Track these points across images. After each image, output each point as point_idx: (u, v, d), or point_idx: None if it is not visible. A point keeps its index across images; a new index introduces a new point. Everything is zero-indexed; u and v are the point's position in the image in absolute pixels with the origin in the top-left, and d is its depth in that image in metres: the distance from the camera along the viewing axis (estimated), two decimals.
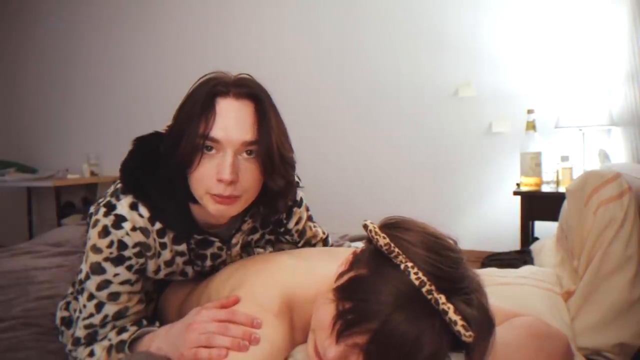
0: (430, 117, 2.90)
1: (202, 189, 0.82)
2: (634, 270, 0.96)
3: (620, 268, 0.96)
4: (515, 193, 2.30)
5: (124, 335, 0.86)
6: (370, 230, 0.70)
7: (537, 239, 2.31)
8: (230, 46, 3.34)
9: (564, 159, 2.29)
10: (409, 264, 0.65)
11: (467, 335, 0.61)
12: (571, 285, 1.11)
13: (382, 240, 0.68)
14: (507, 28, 2.69)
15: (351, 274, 0.71)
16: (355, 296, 0.66)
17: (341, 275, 0.73)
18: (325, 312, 0.69)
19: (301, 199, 1.08)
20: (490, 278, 1.19)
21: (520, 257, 1.66)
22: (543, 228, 2.40)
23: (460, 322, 0.62)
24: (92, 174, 3.72)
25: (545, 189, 2.30)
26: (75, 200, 3.88)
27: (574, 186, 1.09)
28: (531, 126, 2.31)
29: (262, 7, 3.31)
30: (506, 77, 2.70)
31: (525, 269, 1.27)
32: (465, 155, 2.83)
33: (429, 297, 0.63)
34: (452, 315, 0.62)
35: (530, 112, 2.32)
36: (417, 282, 0.63)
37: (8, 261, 1.66)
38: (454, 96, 2.84)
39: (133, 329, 0.87)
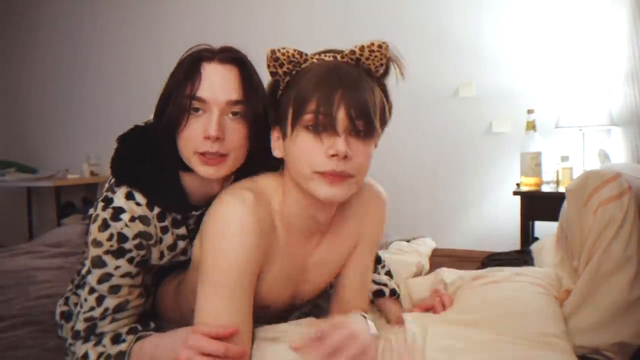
0: (431, 117, 2.90)
1: (190, 149, 0.85)
2: (633, 270, 0.96)
3: (619, 268, 0.96)
4: (515, 193, 2.30)
5: (122, 346, 0.86)
6: (279, 50, 0.79)
7: (537, 239, 2.31)
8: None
9: (564, 159, 2.29)
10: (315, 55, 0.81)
11: (386, 45, 0.79)
12: (571, 285, 1.12)
13: (292, 50, 0.80)
14: (507, 28, 2.69)
15: (288, 96, 0.78)
16: (309, 97, 0.74)
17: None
18: (302, 142, 0.75)
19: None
20: (485, 279, 1.20)
21: (520, 257, 1.66)
22: (543, 228, 2.40)
23: (376, 43, 0.78)
24: (92, 174, 3.72)
25: (545, 189, 2.30)
26: (75, 200, 3.88)
27: (573, 186, 1.09)
28: (531, 126, 2.31)
29: (262, 7, 3.31)
30: (507, 77, 2.70)
31: (523, 269, 1.27)
32: (465, 155, 2.83)
33: (347, 56, 0.79)
34: (367, 45, 0.79)
35: (530, 112, 2.32)
36: (331, 57, 0.80)
37: (8, 261, 1.67)
38: (455, 96, 2.84)
39: (130, 338, 0.87)
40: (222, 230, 0.78)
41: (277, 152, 0.83)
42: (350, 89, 0.73)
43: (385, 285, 1.11)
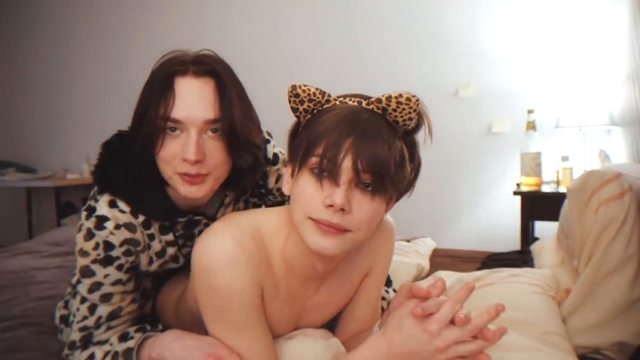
0: (431, 117, 2.90)
1: (170, 169, 0.82)
2: (634, 270, 0.96)
3: (620, 267, 0.97)
4: (515, 193, 2.30)
5: (130, 343, 0.84)
6: (300, 86, 0.72)
7: (537, 239, 2.31)
8: (228, 49, 3.34)
9: (564, 159, 2.29)
10: (339, 98, 0.73)
11: (416, 99, 0.70)
12: (571, 285, 1.12)
13: (314, 88, 0.72)
14: (507, 28, 2.69)
15: (302, 135, 0.72)
16: (319, 139, 0.68)
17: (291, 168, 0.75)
18: (303, 185, 0.70)
19: (275, 155, 1.04)
20: (482, 281, 1.20)
21: (520, 257, 1.66)
22: (543, 228, 2.40)
23: (404, 95, 0.69)
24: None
25: (546, 189, 2.30)
26: (75, 200, 3.88)
27: (575, 186, 1.09)
28: (531, 126, 2.31)
29: (259, 10, 3.31)
30: (506, 77, 2.70)
31: (520, 270, 1.28)
32: (465, 155, 2.83)
33: (373, 104, 0.71)
34: (395, 96, 0.70)
35: (530, 112, 2.32)
36: (356, 102, 0.72)
37: (8, 261, 1.67)
38: (454, 96, 2.84)
39: (138, 335, 0.86)
40: (212, 267, 0.73)
41: (286, 189, 0.77)
42: (363, 139, 0.67)
43: (383, 298, 1.09)
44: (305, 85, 0.72)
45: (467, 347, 0.66)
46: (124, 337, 0.86)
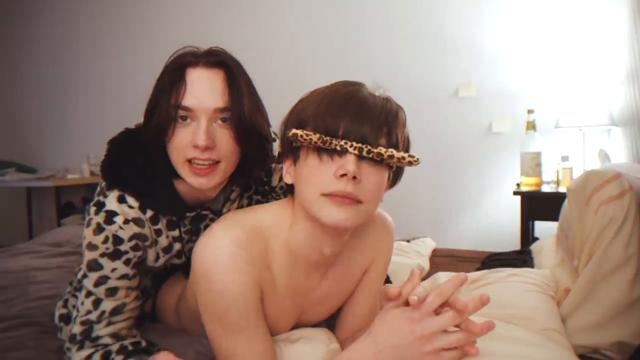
0: (431, 117, 2.90)
1: (180, 157, 0.83)
2: (634, 270, 0.96)
3: (620, 267, 0.97)
4: (515, 193, 2.31)
5: None
6: (300, 135, 0.72)
7: (537, 239, 2.31)
8: (230, 47, 3.34)
9: (564, 159, 2.30)
10: None
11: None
12: (571, 284, 1.12)
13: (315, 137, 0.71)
14: (507, 28, 2.69)
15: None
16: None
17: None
18: (311, 165, 0.72)
19: (280, 154, 1.04)
20: (481, 281, 1.20)
21: (520, 257, 1.66)
22: (543, 228, 2.40)
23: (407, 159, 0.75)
24: (92, 174, 3.72)
25: (546, 189, 2.30)
26: (75, 200, 3.88)
27: (574, 185, 1.09)
28: (531, 126, 2.31)
29: (261, 8, 3.31)
30: (506, 77, 2.70)
31: (519, 270, 1.28)
32: (465, 155, 2.83)
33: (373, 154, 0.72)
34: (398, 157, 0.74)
35: (530, 112, 2.32)
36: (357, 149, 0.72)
37: (8, 261, 1.67)
38: (454, 96, 2.84)
39: (119, 358, 0.86)
40: (212, 270, 0.73)
41: (288, 178, 0.79)
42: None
43: None
44: (308, 134, 0.72)
45: (453, 337, 0.66)
46: (105, 358, 0.86)
